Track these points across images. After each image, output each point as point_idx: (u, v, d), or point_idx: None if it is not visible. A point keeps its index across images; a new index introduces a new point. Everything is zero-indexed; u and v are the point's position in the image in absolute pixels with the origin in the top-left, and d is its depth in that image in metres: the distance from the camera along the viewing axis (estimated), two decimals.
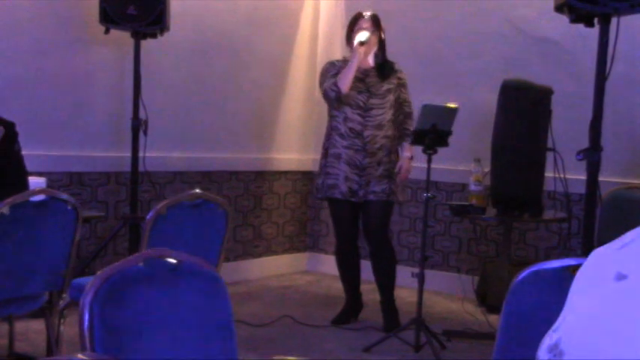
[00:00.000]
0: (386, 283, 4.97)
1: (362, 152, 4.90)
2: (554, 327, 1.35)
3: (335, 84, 4.88)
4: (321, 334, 4.86)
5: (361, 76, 4.93)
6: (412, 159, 4.95)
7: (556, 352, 1.28)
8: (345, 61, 5.01)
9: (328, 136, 5.04)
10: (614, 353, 1.17)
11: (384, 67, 4.99)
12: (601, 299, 1.26)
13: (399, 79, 5.01)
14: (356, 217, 5.03)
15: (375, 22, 4.97)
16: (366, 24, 4.94)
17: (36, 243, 3.28)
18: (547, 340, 1.33)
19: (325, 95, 4.97)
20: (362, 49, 4.85)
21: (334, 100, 4.93)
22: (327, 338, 4.79)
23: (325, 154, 5.04)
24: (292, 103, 6.70)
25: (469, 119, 5.50)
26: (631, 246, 1.30)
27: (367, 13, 4.98)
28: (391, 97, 4.95)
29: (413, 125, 4.77)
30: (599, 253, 1.37)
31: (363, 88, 4.93)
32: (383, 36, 5.01)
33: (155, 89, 5.47)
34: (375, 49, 4.97)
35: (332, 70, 5.01)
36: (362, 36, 4.86)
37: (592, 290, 1.30)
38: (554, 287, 1.83)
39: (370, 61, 4.99)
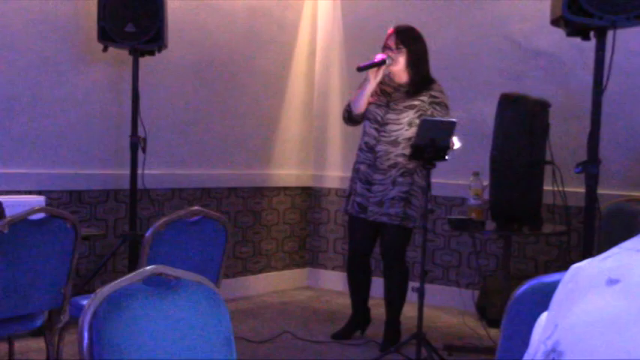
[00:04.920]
0: (392, 304, 4.94)
1: (372, 167, 4.84)
2: (544, 337, 1.35)
3: (349, 104, 4.89)
4: (322, 350, 4.85)
5: (390, 90, 4.86)
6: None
7: (554, 355, 1.28)
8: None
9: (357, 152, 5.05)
10: (617, 351, 1.17)
11: (416, 84, 4.82)
12: (597, 302, 1.26)
13: (433, 97, 4.80)
14: (371, 234, 4.97)
15: (401, 39, 4.80)
16: (390, 42, 4.81)
17: (35, 261, 3.27)
18: (541, 348, 1.33)
19: (342, 115, 5.02)
20: (372, 74, 4.77)
21: (347, 120, 4.95)
22: (328, 354, 4.78)
23: (353, 168, 5.04)
24: (290, 118, 6.71)
25: (467, 133, 5.49)
26: (616, 256, 1.31)
27: (394, 28, 4.84)
28: (411, 114, 4.77)
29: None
30: (580, 267, 1.38)
31: (383, 103, 4.86)
32: (413, 50, 4.82)
33: (153, 106, 5.48)
34: (403, 65, 4.81)
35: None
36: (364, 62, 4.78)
37: (584, 296, 1.31)
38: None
39: (404, 76, 4.86)
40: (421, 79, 4.85)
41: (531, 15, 5.63)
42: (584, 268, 1.37)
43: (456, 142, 4.60)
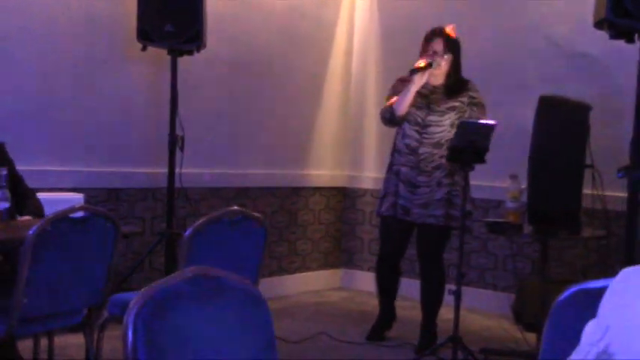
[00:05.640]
0: (429, 307, 4.92)
1: (416, 169, 4.80)
2: (595, 339, 1.34)
3: (391, 106, 4.81)
4: (358, 351, 4.84)
5: (426, 92, 4.83)
6: None
7: (605, 356, 1.28)
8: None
9: (391, 153, 5.00)
10: None
11: (453, 85, 4.84)
12: None
13: (472, 97, 4.83)
14: (406, 237, 4.96)
15: (448, 43, 4.80)
16: (437, 46, 4.78)
17: (76, 259, 3.30)
18: (593, 350, 1.33)
19: (381, 116, 4.93)
20: (418, 76, 4.72)
21: (388, 121, 4.88)
22: (363, 355, 4.77)
23: (388, 170, 5.00)
24: (327, 119, 6.71)
25: (506, 135, 5.46)
26: None
27: (440, 32, 4.81)
28: (452, 116, 4.79)
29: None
30: (630, 272, 1.38)
31: (423, 105, 4.83)
32: (457, 56, 4.84)
33: (191, 106, 5.51)
34: (445, 69, 4.81)
35: (399, 87, 4.88)
36: (419, 63, 4.71)
37: (636, 301, 1.31)
38: (598, 307, 1.81)
39: (440, 78, 4.85)
40: (458, 80, 4.87)
41: (572, 17, 5.58)
42: (634, 274, 1.36)
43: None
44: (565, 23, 5.69)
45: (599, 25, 3.77)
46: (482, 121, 4.53)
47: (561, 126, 4.61)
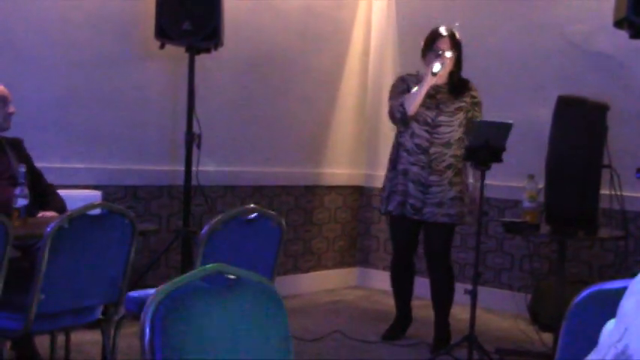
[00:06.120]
0: (440, 305, 4.91)
1: (427, 169, 4.79)
2: (614, 340, 1.34)
3: (402, 105, 4.78)
4: (373, 350, 4.84)
5: (432, 92, 4.81)
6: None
7: (624, 357, 1.28)
8: (417, 77, 4.87)
9: (395, 151, 4.97)
10: None
11: (458, 85, 4.87)
12: None
13: (473, 97, 4.87)
14: (416, 235, 4.96)
15: (454, 42, 4.81)
16: (445, 45, 4.77)
17: (94, 256, 3.32)
18: (612, 351, 1.32)
19: (390, 114, 4.90)
20: (431, 77, 4.70)
21: (399, 120, 4.85)
22: (378, 354, 4.77)
23: (392, 168, 4.97)
24: (343, 118, 6.71)
25: (523, 135, 5.44)
26: None
27: (446, 31, 4.80)
28: (461, 116, 4.83)
29: None
30: None
31: (433, 105, 4.82)
32: (460, 54, 4.85)
33: (208, 104, 5.52)
34: (449, 68, 4.81)
35: (401, 86, 4.90)
36: (436, 67, 4.67)
37: None
38: (616, 308, 1.80)
39: (444, 77, 4.84)
40: (460, 81, 4.90)
41: (590, 16, 5.55)
42: None
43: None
44: (583, 22, 5.66)
45: (619, 24, 3.74)
46: (499, 121, 4.52)
47: (579, 126, 4.59)
